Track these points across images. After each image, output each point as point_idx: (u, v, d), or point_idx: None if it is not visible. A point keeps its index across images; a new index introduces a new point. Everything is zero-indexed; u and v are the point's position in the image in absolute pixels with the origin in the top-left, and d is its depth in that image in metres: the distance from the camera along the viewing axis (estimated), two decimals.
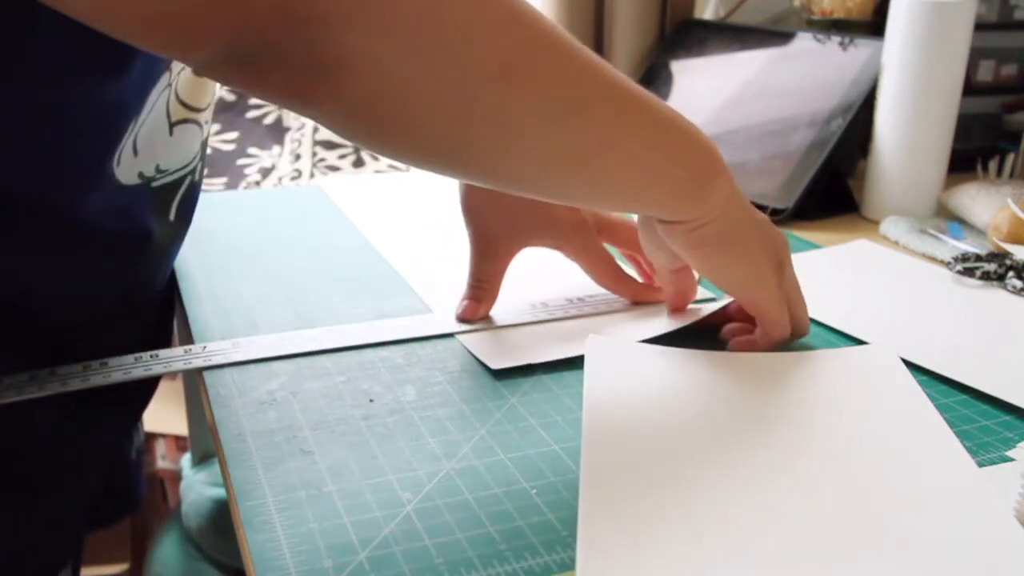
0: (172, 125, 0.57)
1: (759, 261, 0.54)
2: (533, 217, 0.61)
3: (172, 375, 1.50)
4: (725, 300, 0.61)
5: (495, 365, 0.55)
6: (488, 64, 0.41)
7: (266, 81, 0.38)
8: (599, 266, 0.63)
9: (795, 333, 0.57)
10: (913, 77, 0.79)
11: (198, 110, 0.59)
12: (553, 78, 0.43)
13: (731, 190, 0.52)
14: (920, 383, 0.53)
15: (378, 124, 0.41)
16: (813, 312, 0.62)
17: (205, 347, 0.57)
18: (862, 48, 0.89)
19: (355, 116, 0.41)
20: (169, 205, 0.62)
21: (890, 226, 0.80)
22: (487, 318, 0.62)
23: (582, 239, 0.62)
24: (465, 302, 0.61)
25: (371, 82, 0.39)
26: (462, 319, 0.61)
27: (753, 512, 0.41)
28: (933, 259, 0.75)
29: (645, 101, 0.48)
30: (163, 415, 1.54)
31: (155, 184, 0.58)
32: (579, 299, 0.64)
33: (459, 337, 0.59)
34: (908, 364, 0.55)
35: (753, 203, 0.84)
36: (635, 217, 0.61)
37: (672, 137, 0.49)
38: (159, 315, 0.69)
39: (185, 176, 0.62)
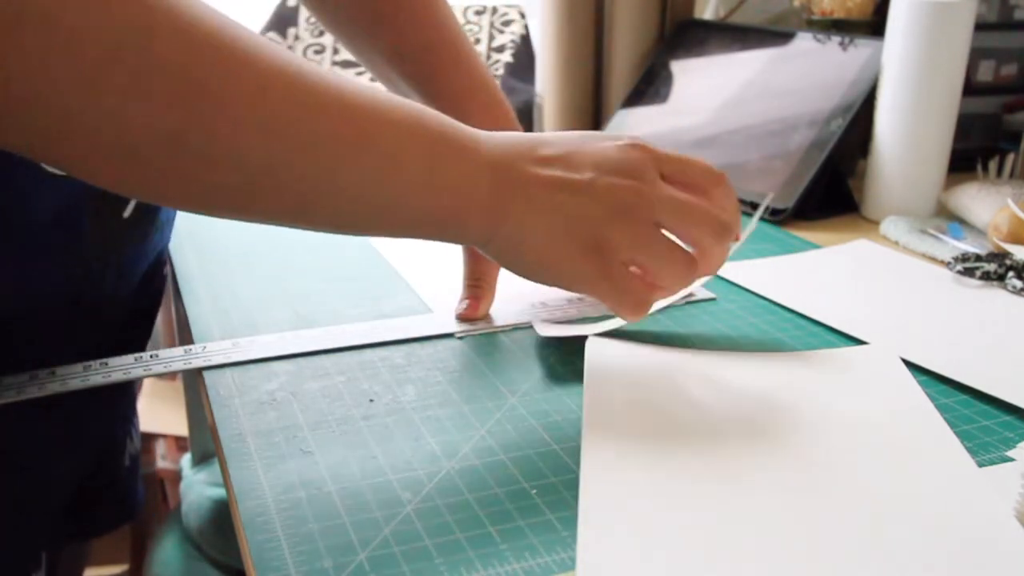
0: None
1: (561, 259, 0.49)
2: None
3: (172, 375, 1.50)
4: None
5: (544, 332, 0.57)
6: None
7: None
8: None
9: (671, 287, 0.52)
10: (913, 77, 0.79)
11: None
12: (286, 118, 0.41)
13: (504, 204, 0.48)
14: (920, 383, 0.53)
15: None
16: (813, 312, 0.62)
17: (205, 347, 0.57)
18: (862, 48, 0.89)
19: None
20: (125, 203, 0.57)
21: (890, 226, 0.80)
22: (487, 318, 0.62)
23: None
24: (465, 302, 0.62)
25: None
26: (463, 318, 0.61)
27: (753, 512, 0.41)
28: (933, 259, 0.75)
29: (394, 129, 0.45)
30: (163, 415, 1.54)
31: None
32: (579, 298, 0.64)
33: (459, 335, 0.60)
34: (908, 364, 0.55)
35: (753, 203, 0.85)
36: None
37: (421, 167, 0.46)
38: (122, 323, 0.66)
39: None
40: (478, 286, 0.62)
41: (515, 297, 0.64)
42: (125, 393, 0.72)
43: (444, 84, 0.65)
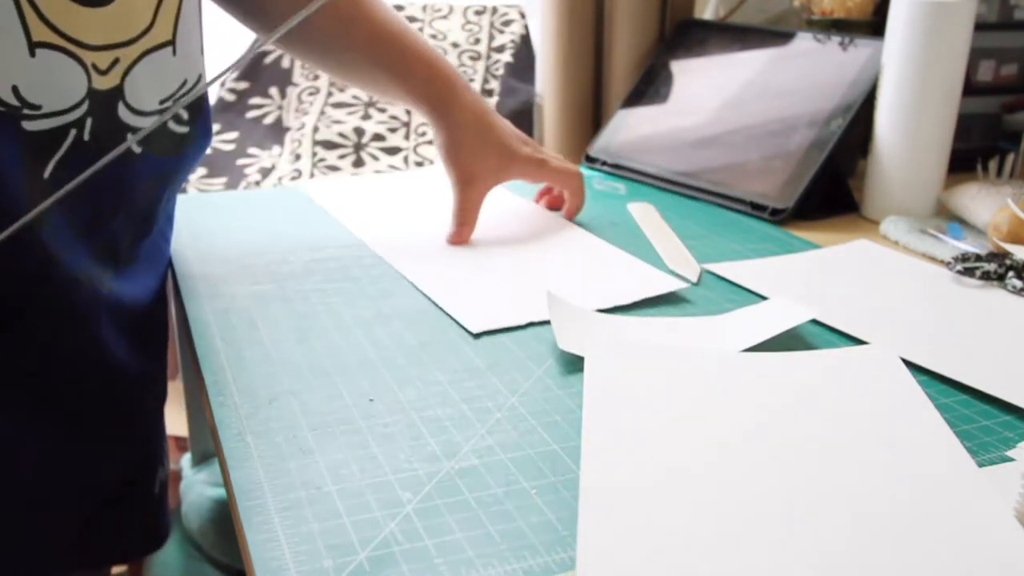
0: (33, 44, 0.51)
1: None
2: (501, 158, 0.77)
3: (173, 374, 1.50)
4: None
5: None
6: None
7: None
8: (559, 174, 0.81)
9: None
10: (913, 77, 0.79)
11: (81, 44, 0.53)
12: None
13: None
14: (920, 383, 0.53)
15: None
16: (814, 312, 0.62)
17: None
18: (862, 48, 0.89)
19: None
20: (46, 160, 0.54)
21: (890, 226, 0.80)
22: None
23: (537, 168, 0.80)
24: (452, 230, 0.76)
25: None
26: (453, 243, 0.76)
27: (753, 512, 0.41)
28: (933, 259, 0.75)
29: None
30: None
31: (27, 125, 0.52)
32: None
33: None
34: (908, 364, 0.55)
35: (753, 203, 0.86)
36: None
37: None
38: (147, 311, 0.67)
39: (68, 127, 0.54)
40: (464, 213, 0.76)
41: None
42: (152, 422, 0.71)
43: (411, 61, 0.77)
